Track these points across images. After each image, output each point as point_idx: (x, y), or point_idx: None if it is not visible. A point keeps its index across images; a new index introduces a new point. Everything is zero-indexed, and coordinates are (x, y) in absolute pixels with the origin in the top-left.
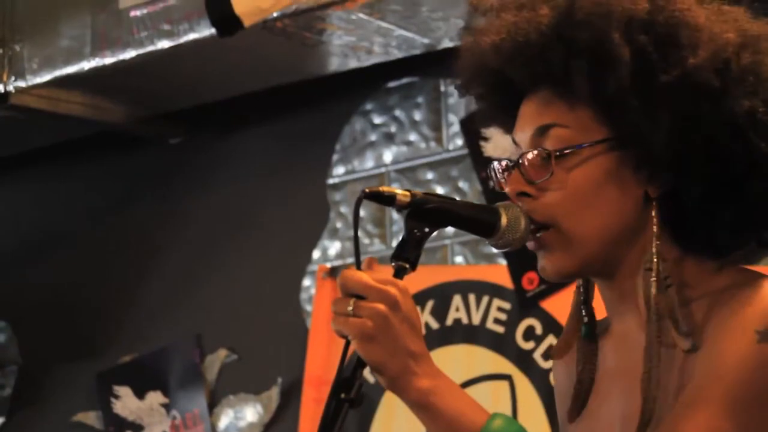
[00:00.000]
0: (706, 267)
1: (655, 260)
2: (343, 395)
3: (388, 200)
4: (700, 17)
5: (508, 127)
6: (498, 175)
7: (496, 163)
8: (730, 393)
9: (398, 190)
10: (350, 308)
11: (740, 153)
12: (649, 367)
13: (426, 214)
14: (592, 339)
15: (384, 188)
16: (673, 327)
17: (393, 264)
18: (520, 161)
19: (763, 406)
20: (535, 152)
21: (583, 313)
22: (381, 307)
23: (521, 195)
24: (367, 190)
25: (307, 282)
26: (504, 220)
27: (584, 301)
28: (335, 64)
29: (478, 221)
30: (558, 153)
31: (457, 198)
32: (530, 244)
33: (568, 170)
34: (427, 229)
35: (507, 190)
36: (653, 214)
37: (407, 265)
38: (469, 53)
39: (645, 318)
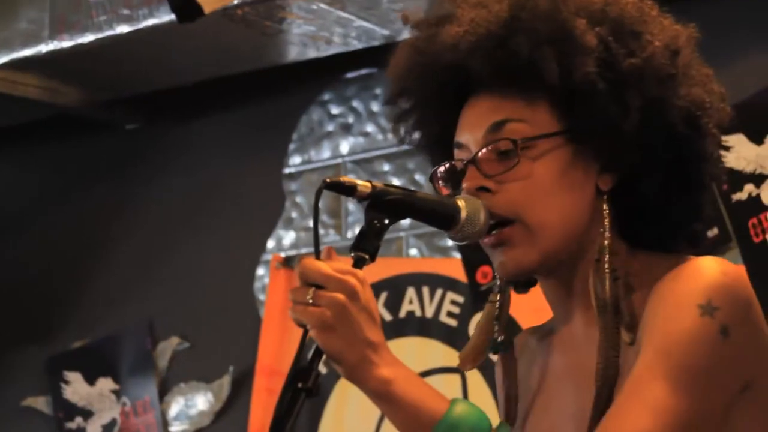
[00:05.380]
0: (652, 260)
1: (607, 253)
2: (300, 384)
3: (349, 191)
4: (653, 9)
5: (435, 137)
6: (441, 182)
7: (441, 169)
8: (678, 367)
9: (359, 181)
10: (309, 297)
11: (693, 141)
12: (605, 358)
13: (386, 206)
14: (508, 353)
15: (345, 179)
16: (619, 319)
17: (352, 255)
18: (476, 157)
19: (710, 378)
20: (495, 144)
21: (496, 329)
22: (340, 296)
23: (480, 190)
24: (327, 180)
25: (260, 271)
26: (464, 213)
27: (497, 317)
28: (294, 53)
29: (438, 214)
30: (522, 141)
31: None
32: (489, 240)
33: (530, 161)
34: (386, 221)
35: (464, 187)
36: (604, 207)
37: (367, 256)
38: (412, 55)
39: (594, 312)
